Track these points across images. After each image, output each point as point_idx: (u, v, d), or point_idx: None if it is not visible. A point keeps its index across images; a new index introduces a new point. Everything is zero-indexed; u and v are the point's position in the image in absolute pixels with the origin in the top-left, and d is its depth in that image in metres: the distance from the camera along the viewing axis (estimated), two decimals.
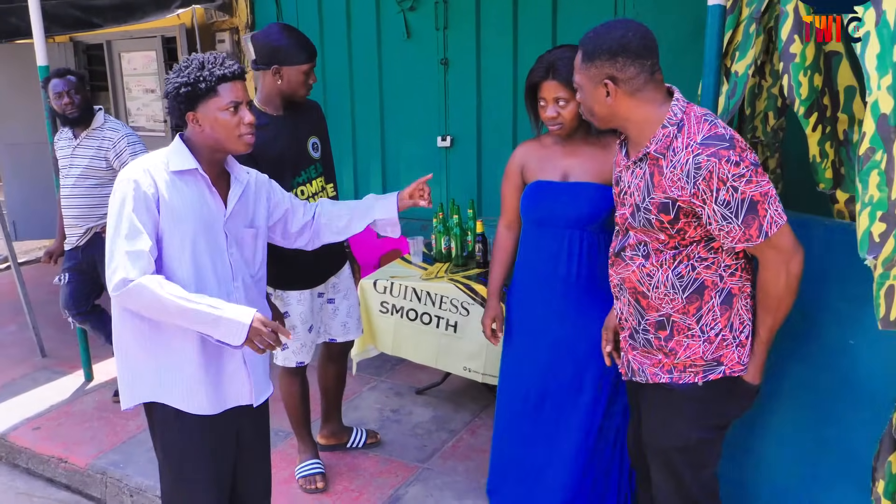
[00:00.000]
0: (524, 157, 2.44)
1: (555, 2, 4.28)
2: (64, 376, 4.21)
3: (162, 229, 1.91)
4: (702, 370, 1.82)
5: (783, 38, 1.94)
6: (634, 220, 1.81)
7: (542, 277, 2.38)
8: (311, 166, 2.73)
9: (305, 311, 2.81)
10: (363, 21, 4.94)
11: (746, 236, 1.65)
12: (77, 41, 6.39)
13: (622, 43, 1.70)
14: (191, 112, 1.93)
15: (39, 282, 5.80)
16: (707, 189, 1.63)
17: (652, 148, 1.74)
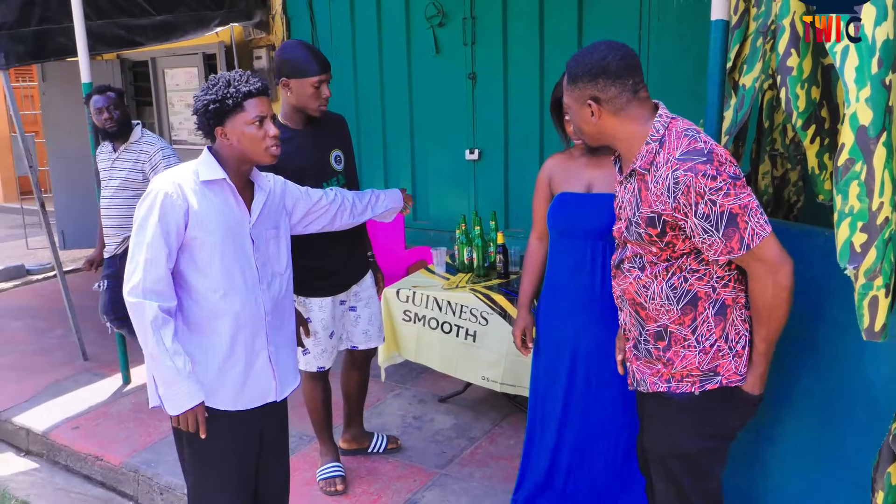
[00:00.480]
0: (552, 170, 2.50)
1: (580, 17, 4.34)
2: (104, 379, 4.39)
3: (191, 237, 2.01)
4: (698, 380, 1.85)
5: (780, 52, 1.97)
6: (629, 234, 1.86)
7: (567, 288, 2.42)
8: (333, 178, 2.82)
9: (327, 318, 2.89)
10: (394, 37, 5.07)
11: (728, 248, 1.68)
12: (123, 58, 6.67)
13: (602, 65, 1.76)
14: (219, 127, 2.05)
15: (85, 289, 6.04)
16: (686, 203, 1.67)
17: (637, 164, 1.79)
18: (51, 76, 6.34)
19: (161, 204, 1.97)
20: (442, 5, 4.78)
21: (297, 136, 2.74)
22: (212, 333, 2.08)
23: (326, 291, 2.87)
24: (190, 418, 2.02)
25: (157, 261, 1.96)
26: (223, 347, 2.09)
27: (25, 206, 8.41)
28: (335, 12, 5.33)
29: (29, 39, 4.24)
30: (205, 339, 2.08)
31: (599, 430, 2.44)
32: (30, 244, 7.85)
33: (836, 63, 1.56)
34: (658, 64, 4.15)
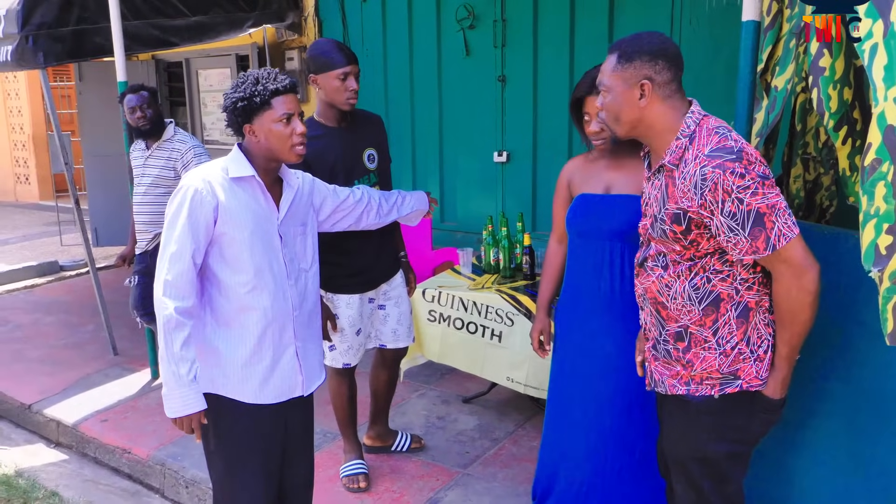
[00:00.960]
0: (571, 172, 2.50)
1: (611, 19, 4.33)
2: (133, 373, 4.47)
3: (220, 232, 2.04)
4: (718, 383, 1.82)
5: (812, 53, 1.95)
6: (653, 231, 1.84)
7: (587, 290, 2.41)
8: (365, 176, 2.84)
9: (354, 315, 2.91)
10: (424, 39, 5.09)
11: (753, 248, 1.66)
12: (158, 59, 6.79)
13: (662, 47, 1.77)
14: (247, 124, 2.07)
15: (117, 285, 6.14)
16: (713, 200, 1.65)
17: (667, 159, 1.77)
18: (87, 76, 6.46)
19: (191, 200, 2.00)
20: (473, 8, 4.79)
21: (330, 133, 2.77)
22: (240, 327, 2.11)
23: (354, 289, 2.89)
24: (185, 423, 2.04)
25: (182, 255, 1.99)
26: (251, 341, 2.12)
27: (60, 204, 8.57)
28: (367, 14, 5.37)
29: (67, 39, 4.32)
30: (233, 333, 2.11)
31: (617, 433, 2.42)
32: (64, 241, 8.00)
33: (864, 61, 1.54)
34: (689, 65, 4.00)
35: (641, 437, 2.40)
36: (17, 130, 11.74)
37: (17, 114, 11.69)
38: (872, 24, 1.52)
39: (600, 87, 1.85)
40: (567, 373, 2.52)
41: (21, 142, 11.67)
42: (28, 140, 11.48)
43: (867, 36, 1.53)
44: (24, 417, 4.13)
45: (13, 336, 5.27)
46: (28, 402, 4.13)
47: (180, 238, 1.99)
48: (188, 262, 2.00)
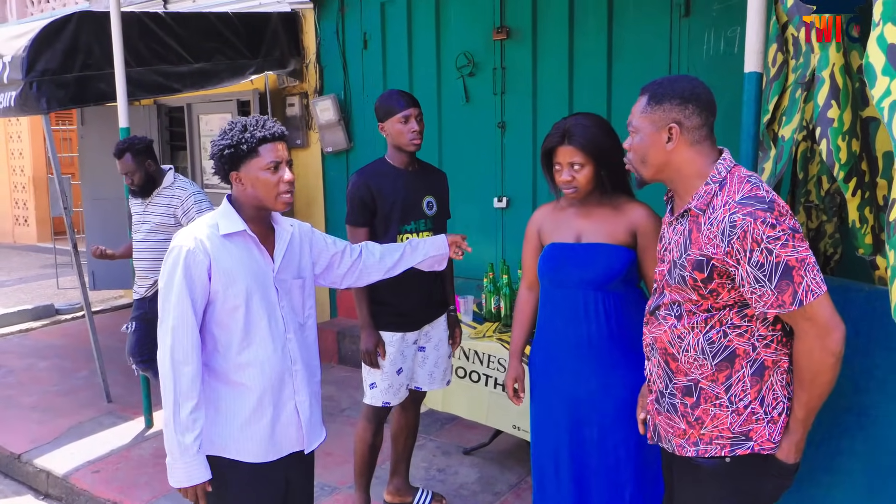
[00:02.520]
0: (541, 220, 2.50)
1: (609, 67, 4.36)
2: (126, 421, 4.38)
3: (215, 291, 1.99)
4: (729, 443, 1.75)
5: (820, 104, 1.94)
6: (671, 277, 1.78)
7: (561, 338, 2.39)
8: (421, 220, 2.94)
9: (395, 353, 2.91)
10: (424, 86, 5.13)
11: (779, 302, 1.59)
12: (160, 104, 6.82)
13: (694, 92, 1.73)
14: (234, 171, 2.02)
15: (112, 330, 6.08)
16: (741, 249, 1.59)
17: (693, 204, 1.72)
18: (90, 120, 6.49)
19: (184, 261, 1.95)
20: (472, 56, 4.84)
21: (397, 173, 2.91)
22: (238, 385, 2.05)
23: (397, 327, 2.91)
24: (189, 493, 1.99)
25: (185, 324, 1.95)
26: (250, 399, 2.06)
27: (58, 247, 8.55)
28: (367, 61, 5.41)
29: (71, 85, 4.34)
30: (232, 391, 2.05)
31: (605, 480, 2.37)
32: (60, 283, 7.95)
33: (883, 118, 1.52)
34: None
35: (631, 481, 2.34)
36: (17, 172, 11.79)
37: (18, 156, 11.74)
38: (890, 82, 1.51)
39: (630, 128, 1.82)
40: (545, 421, 2.48)
41: (21, 184, 11.71)
42: (28, 182, 11.52)
43: (885, 93, 1.51)
44: (13, 468, 4.03)
45: (6, 381, 5.19)
46: (18, 452, 4.03)
47: (178, 305, 1.95)
48: (193, 329, 1.96)
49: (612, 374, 2.28)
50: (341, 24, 5.47)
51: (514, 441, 3.71)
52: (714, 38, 4.01)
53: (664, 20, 4.13)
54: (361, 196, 2.85)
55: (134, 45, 4.49)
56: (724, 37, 3.98)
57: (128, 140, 3.92)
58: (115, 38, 3.97)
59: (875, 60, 1.54)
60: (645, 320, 1.93)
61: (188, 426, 1.93)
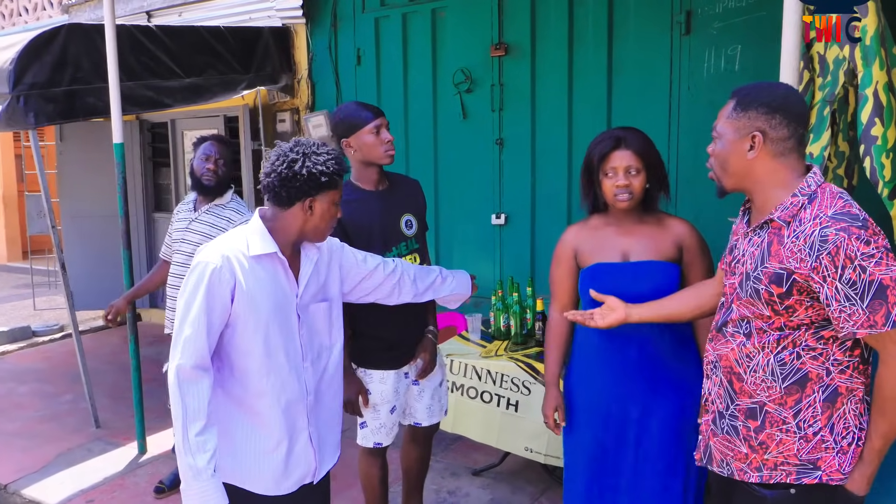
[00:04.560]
0: (576, 240, 2.40)
1: (609, 83, 4.37)
2: (118, 448, 4.22)
3: (236, 314, 1.92)
4: (795, 470, 1.68)
5: (863, 122, 1.95)
6: (742, 290, 1.71)
7: (609, 360, 2.33)
8: (402, 243, 2.71)
9: (388, 391, 2.71)
10: (420, 102, 5.10)
11: (871, 322, 1.53)
12: (143, 119, 6.69)
13: (785, 101, 1.66)
14: (311, 198, 1.95)
15: (95, 352, 5.91)
16: (831, 266, 1.53)
17: (776, 214, 1.65)
18: (69, 136, 6.33)
19: (209, 279, 1.88)
20: (470, 72, 4.82)
21: (367, 197, 2.66)
22: (254, 414, 1.98)
23: (390, 364, 2.70)
24: None
25: (199, 342, 1.87)
26: (265, 429, 1.99)
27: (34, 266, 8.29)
28: (361, 77, 5.37)
29: (59, 99, 4.21)
30: (248, 419, 1.98)
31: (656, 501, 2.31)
32: (37, 304, 7.70)
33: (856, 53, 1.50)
34: (687, 132, 4.16)
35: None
36: None
37: None
38: None
39: (714, 133, 1.76)
40: (590, 444, 2.40)
41: None
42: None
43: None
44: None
45: None
46: (4, 482, 3.85)
47: (196, 321, 1.87)
48: (205, 344, 1.87)
49: (657, 396, 2.24)
50: (334, 39, 5.42)
51: (523, 461, 3.65)
52: (715, 56, 4.04)
53: (664, 38, 4.16)
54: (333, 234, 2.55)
55: (124, 59, 4.36)
56: (724, 55, 4.01)
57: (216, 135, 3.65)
58: (109, 51, 3.87)
59: None
60: (710, 336, 1.86)
61: (198, 447, 1.84)
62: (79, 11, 6.92)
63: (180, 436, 1.85)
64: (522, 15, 4.60)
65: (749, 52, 3.93)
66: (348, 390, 2.62)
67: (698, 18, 4.06)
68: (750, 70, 3.92)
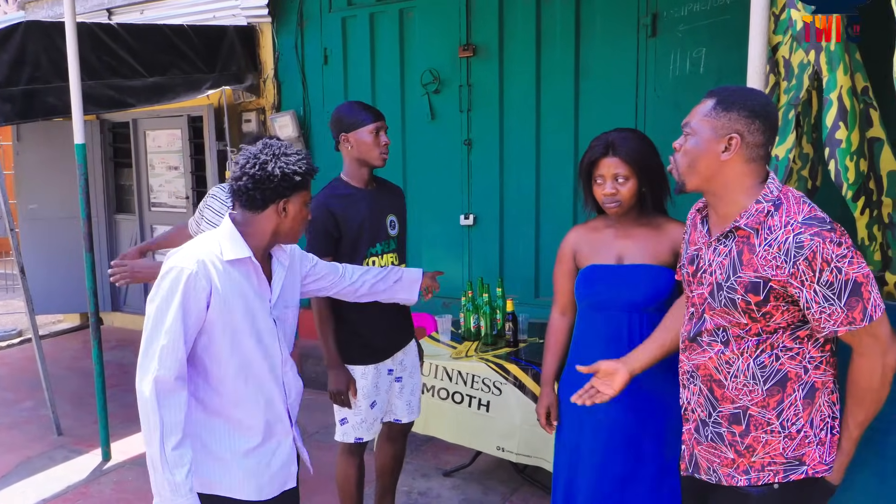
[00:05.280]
0: (576, 242, 2.41)
1: (577, 85, 4.41)
2: (81, 455, 4.13)
3: (211, 321, 1.86)
4: (782, 469, 1.70)
5: (828, 125, 1.99)
6: (714, 301, 1.72)
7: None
8: (385, 241, 2.81)
9: (368, 386, 2.76)
10: (388, 103, 5.06)
11: (849, 319, 1.57)
12: (103, 119, 6.55)
13: (766, 109, 1.67)
14: (284, 200, 1.90)
15: (57, 357, 5.79)
16: (808, 270, 1.56)
17: (742, 222, 1.66)
18: (26, 136, 6.15)
19: (185, 284, 1.81)
20: (438, 73, 4.81)
21: (358, 193, 2.75)
22: (232, 422, 1.94)
23: (370, 359, 2.75)
24: None
25: (175, 352, 1.80)
26: (248, 434, 1.95)
27: None
28: (328, 77, 5.32)
29: (17, 99, 4.10)
30: (227, 426, 1.94)
31: None
32: None
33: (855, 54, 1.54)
34: (654, 133, 4.16)
35: None
36: None
37: None
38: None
39: (685, 129, 1.74)
40: (576, 446, 2.40)
41: None
42: None
43: None
44: None
45: None
46: None
47: (172, 329, 1.79)
48: (182, 354, 1.81)
49: (652, 400, 2.23)
50: (300, 38, 5.37)
51: (493, 461, 3.66)
52: (680, 58, 4.10)
53: (631, 40, 4.20)
54: (325, 225, 2.64)
55: (85, 58, 4.25)
56: (689, 57, 4.07)
57: None
58: (69, 49, 3.78)
59: None
60: (682, 346, 1.86)
61: (177, 462, 1.79)
62: (36, 8, 6.74)
63: (156, 450, 1.77)
64: (490, 16, 4.62)
65: (714, 54, 3.99)
66: (337, 381, 2.69)
67: (664, 21, 4.12)
68: (714, 72, 3.98)
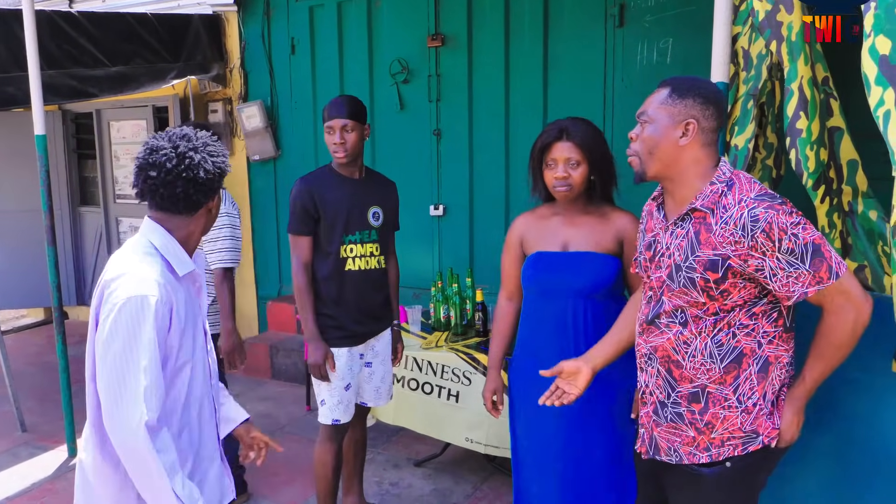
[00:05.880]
0: (524, 229, 2.44)
1: (545, 75, 4.42)
2: (46, 451, 4.06)
3: (171, 346, 1.70)
4: (741, 442, 1.76)
5: (789, 115, 2.02)
6: (673, 282, 1.76)
7: (548, 348, 2.36)
8: (366, 231, 2.87)
9: (343, 368, 2.82)
10: (357, 93, 4.93)
11: (817, 279, 1.62)
12: (66, 109, 6.41)
13: (718, 96, 1.76)
14: (216, 196, 1.77)
15: (21, 353, 5.68)
16: (768, 241, 1.62)
17: (698, 203, 1.72)
18: None
19: (154, 315, 1.62)
20: (407, 63, 4.79)
21: (342, 181, 2.85)
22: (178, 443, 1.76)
23: (342, 342, 2.83)
24: None
25: (158, 385, 1.64)
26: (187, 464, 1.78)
27: None
28: (295, 66, 5.27)
29: None
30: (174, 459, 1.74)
31: (591, 489, 2.36)
32: None
33: (879, 127, 1.59)
34: (622, 123, 4.24)
35: (614, 489, 2.35)
36: None
37: None
38: (883, 91, 1.58)
39: (641, 118, 1.79)
40: (530, 432, 2.45)
41: None
42: None
43: (879, 103, 1.58)
44: None
45: None
46: None
47: (151, 368, 1.61)
48: (162, 392, 1.65)
49: (602, 383, 2.28)
50: (267, 27, 5.30)
51: (465, 451, 3.67)
52: (647, 48, 4.13)
53: (599, 30, 4.22)
54: (304, 204, 2.77)
55: (45, 46, 4.16)
56: (657, 48, 4.10)
57: None
58: (28, 38, 3.70)
59: (868, 71, 1.61)
60: (639, 330, 1.90)
61: (192, 495, 1.67)
62: None
63: (169, 497, 1.63)
64: (459, 6, 4.60)
65: (680, 45, 4.02)
66: (316, 354, 2.77)
67: (631, 11, 4.14)
68: (681, 62, 4.02)
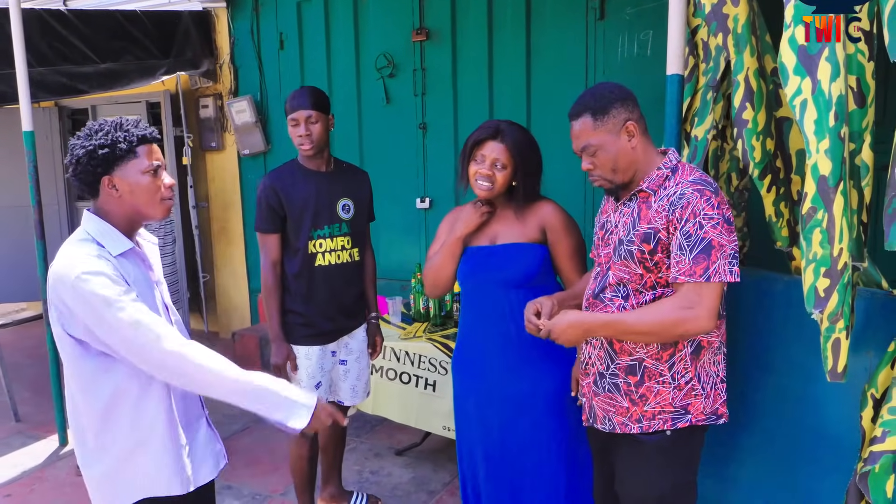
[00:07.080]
0: (452, 223, 2.47)
1: (528, 69, 4.45)
2: (38, 441, 4.15)
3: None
4: (670, 417, 1.86)
5: (736, 106, 2.06)
6: (616, 256, 1.88)
7: (488, 339, 2.41)
8: (336, 224, 2.84)
9: (313, 367, 2.82)
10: (344, 87, 5.09)
11: (690, 272, 1.71)
12: (62, 106, 6.48)
13: (623, 91, 1.87)
14: (107, 176, 1.76)
15: (17, 345, 5.78)
16: (679, 217, 1.73)
17: (645, 185, 1.84)
18: None
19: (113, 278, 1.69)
20: (392, 57, 4.84)
21: (308, 175, 2.81)
22: (147, 412, 1.81)
23: (313, 340, 2.82)
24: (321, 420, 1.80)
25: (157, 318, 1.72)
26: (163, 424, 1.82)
27: None
28: (284, 62, 5.33)
29: None
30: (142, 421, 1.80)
31: (539, 476, 2.40)
32: None
33: (795, 116, 1.64)
34: None
35: (564, 472, 2.39)
36: None
37: None
38: (801, 81, 1.62)
39: (584, 152, 1.86)
40: (472, 422, 2.49)
41: None
42: None
43: (797, 92, 1.62)
44: None
45: None
46: None
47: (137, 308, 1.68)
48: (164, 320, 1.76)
49: (542, 369, 2.33)
50: (256, 23, 5.36)
51: (444, 440, 3.73)
52: (628, 41, 4.16)
53: (580, 23, 4.25)
54: (269, 201, 2.74)
55: (34, 44, 4.24)
56: (637, 40, 4.13)
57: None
58: (15, 35, 3.76)
59: (787, 61, 1.65)
60: (586, 304, 1.98)
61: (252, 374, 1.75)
62: None
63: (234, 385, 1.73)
64: (442, 0, 4.64)
65: (660, 37, 3.98)
66: (277, 355, 2.77)
67: (612, 4, 4.17)
68: (661, 55, 3.93)
